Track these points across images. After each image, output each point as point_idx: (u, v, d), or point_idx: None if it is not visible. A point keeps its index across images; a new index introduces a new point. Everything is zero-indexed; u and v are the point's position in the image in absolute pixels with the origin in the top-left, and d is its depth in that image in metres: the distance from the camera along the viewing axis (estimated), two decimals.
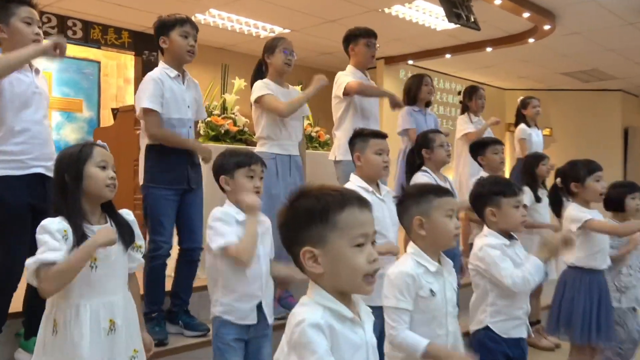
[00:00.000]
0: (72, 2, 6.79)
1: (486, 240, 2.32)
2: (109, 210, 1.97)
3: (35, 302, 2.44)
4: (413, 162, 3.43)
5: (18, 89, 2.51)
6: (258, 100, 3.43)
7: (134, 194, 3.97)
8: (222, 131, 4.31)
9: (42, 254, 1.75)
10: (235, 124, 4.40)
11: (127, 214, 2.02)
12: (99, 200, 1.94)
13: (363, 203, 1.28)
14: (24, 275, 2.47)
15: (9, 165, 2.49)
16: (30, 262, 1.75)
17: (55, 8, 6.95)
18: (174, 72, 3.01)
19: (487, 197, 2.36)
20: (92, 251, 1.80)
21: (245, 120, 4.45)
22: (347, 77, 3.85)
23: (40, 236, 1.79)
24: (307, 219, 1.24)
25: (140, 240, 2.04)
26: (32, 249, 2.42)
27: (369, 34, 3.93)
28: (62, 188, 1.89)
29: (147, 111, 2.91)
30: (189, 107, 3.04)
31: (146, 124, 2.94)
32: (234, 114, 4.49)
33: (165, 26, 3.02)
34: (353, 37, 3.97)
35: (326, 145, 5.27)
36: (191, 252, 3.05)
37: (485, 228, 2.39)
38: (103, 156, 1.94)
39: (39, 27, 2.59)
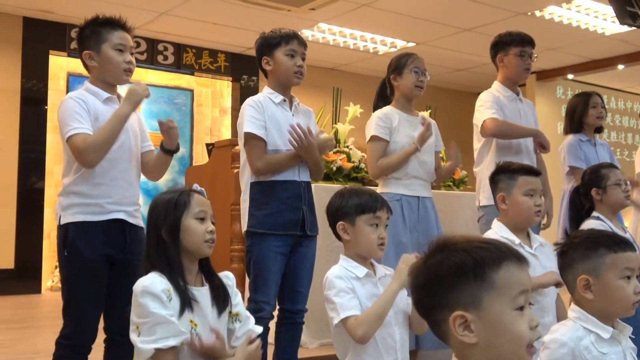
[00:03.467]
0: (163, 23, 7.35)
1: None
2: (206, 269, 2.09)
3: None
4: (579, 206, 3.28)
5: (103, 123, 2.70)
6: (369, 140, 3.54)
7: (230, 244, 4.11)
8: (334, 168, 4.40)
9: (161, 339, 1.86)
10: (349, 159, 4.47)
11: (227, 277, 2.13)
12: (196, 257, 2.06)
13: (521, 259, 1.30)
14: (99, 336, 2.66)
15: (86, 209, 2.64)
16: (144, 348, 1.87)
17: (144, 31, 7.53)
18: (279, 97, 3.11)
19: None
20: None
21: (362, 155, 4.50)
22: (487, 107, 3.75)
23: (144, 300, 1.89)
24: (458, 277, 1.26)
25: (238, 308, 2.12)
26: (109, 302, 2.64)
27: (523, 41, 3.82)
28: (159, 242, 2.01)
29: (249, 137, 3.01)
30: None
31: (248, 154, 3.04)
32: (347, 147, 4.57)
33: (268, 44, 3.12)
34: (502, 44, 3.87)
35: (462, 183, 5.20)
36: (294, 314, 3.10)
37: None
38: (202, 205, 2.05)
39: (132, 54, 2.81)
